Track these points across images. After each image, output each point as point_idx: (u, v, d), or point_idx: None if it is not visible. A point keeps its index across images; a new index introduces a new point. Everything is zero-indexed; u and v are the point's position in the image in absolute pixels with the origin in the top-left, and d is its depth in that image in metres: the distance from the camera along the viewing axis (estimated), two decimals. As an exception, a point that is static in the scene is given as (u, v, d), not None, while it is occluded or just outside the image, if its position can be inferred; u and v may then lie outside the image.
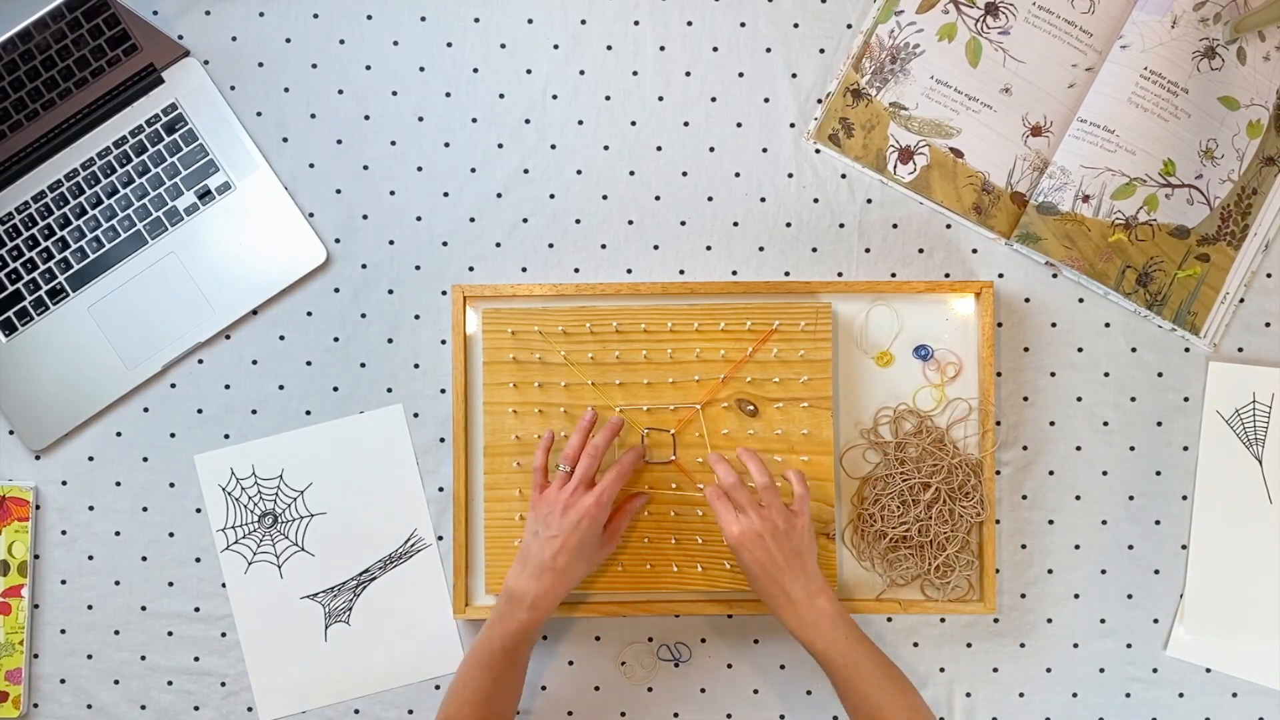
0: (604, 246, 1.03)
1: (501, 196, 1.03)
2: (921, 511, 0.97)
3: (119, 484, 1.02)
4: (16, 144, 1.01)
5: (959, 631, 1.01)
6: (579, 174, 1.03)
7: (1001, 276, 1.02)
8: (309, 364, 1.02)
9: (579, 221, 1.03)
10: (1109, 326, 1.02)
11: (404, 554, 1.01)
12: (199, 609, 1.01)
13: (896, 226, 1.02)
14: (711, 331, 0.98)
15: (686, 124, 1.03)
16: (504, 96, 1.03)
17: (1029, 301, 1.02)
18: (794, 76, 1.03)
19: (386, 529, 1.01)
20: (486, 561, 0.99)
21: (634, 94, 1.03)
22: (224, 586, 1.01)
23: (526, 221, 1.03)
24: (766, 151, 1.03)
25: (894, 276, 1.02)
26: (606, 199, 1.03)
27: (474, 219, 1.03)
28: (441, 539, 1.01)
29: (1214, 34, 1.01)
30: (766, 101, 1.03)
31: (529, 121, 1.03)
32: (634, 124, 1.03)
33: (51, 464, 1.02)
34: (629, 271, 1.03)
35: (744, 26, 1.03)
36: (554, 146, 1.03)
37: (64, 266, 1.01)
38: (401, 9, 1.03)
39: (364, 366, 1.02)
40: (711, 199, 1.03)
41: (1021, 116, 1.02)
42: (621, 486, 0.93)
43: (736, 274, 1.03)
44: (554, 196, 1.03)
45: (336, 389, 1.02)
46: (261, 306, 1.02)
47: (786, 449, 0.98)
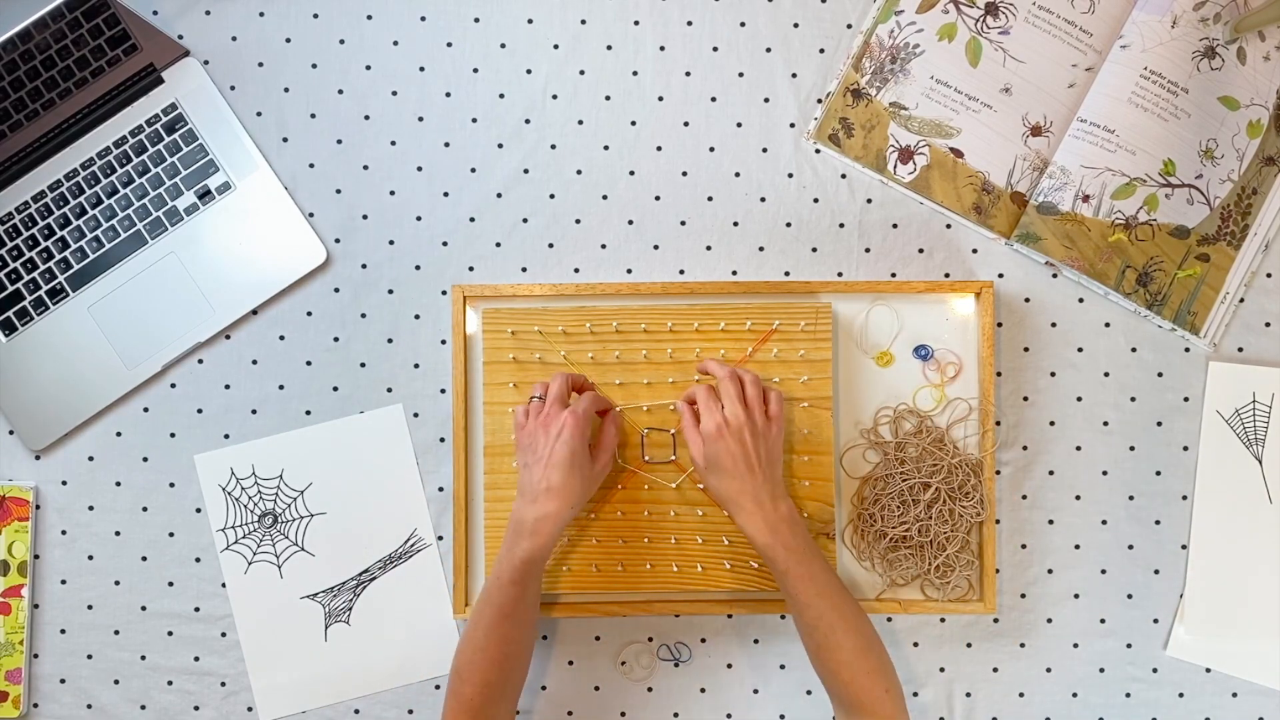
0: (604, 246, 1.03)
1: (501, 196, 1.03)
2: (921, 511, 0.97)
3: (119, 484, 1.02)
4: (16, 144, 1.01)
5: (959, 631, 1.01)
6: (579, 174, 1.03)
7: (1001, 276, 1.02)
8: (309, 364, 1.02)
9: (579, 221, 1.03)
10: (1109, 326, 1.02)
11: (404, 554, 1.01)
12: (199, 609, 1.01)
13: (896, 226, 1.02)
14: (711, 331, 0.98)
15: (686, 124, 1.03)
16: (504, 96, 1.03)
17: (1029, 301, 1.02)
18: (794, 76, 1.03)
19: (386, 529, 1.01)
20: (487, 561, 0.99)
21: (634, 94, 1.03)
22: (224, 586, 1.01)
23: (526, 221, 1.03)
24: (766, 151, 1.03)
25: (894, 276, 1.02)
26: (606, 199, 1.03)
27: (474, 219, 1.03)
28: (441, 539, 1.01)
29: (1214, 34, 1.01)
30: (766, 101, 1.03)
31: (529, 121, 1.03)
32: (634, 124, 1.03)
33: (51, 464, 1.02)
34: (629, 271, 1.03)
35: (744, 26, 1.03)
36: (554, 146, 1.03)
37: (64, 266, 1.01)
38: (401, 9, 1.03)
39: (364, 366, 1.02)
40: (711, 199, 1.03)
41: (1021, 116, 1.02)
42: (597, 407, 0.93)
43: (736, 274, 1.03)
44: (554, 196, 1.03)
45: (336, 389, 1.02)
46: (261, 306, 1.02)
47: (786, 449, 0.98)
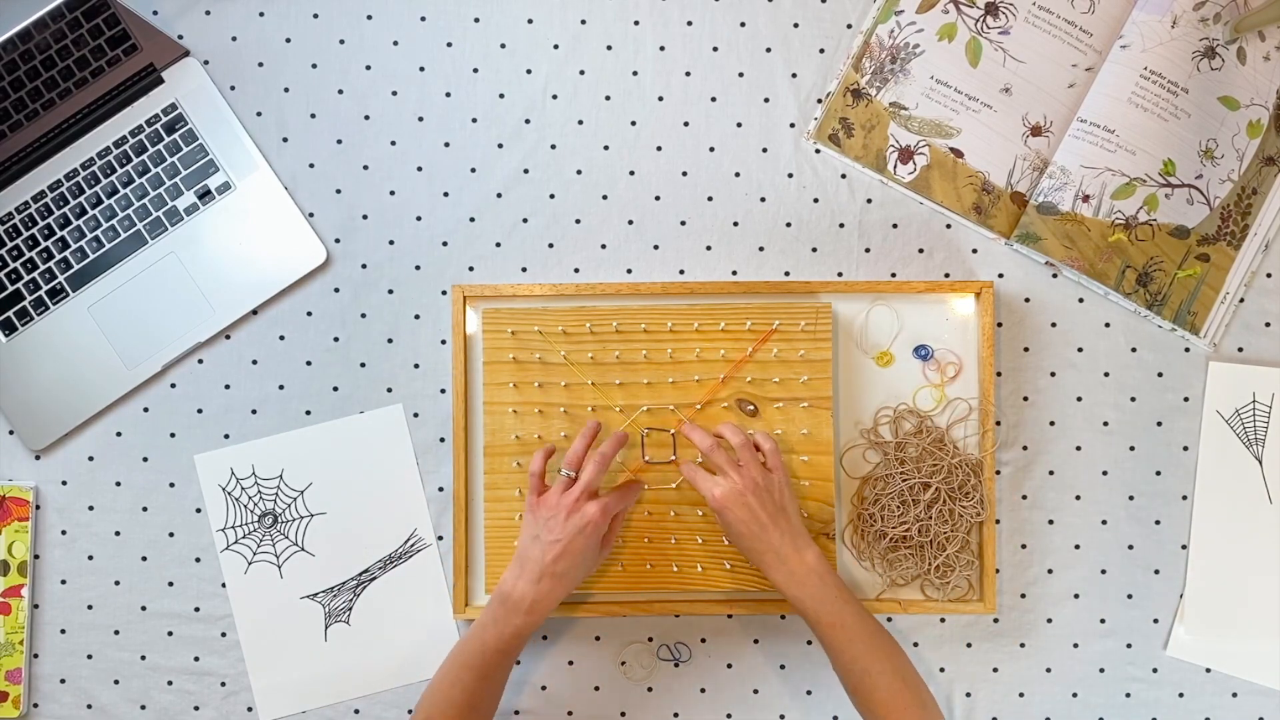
0: (604, 246, 1.03)
1: (501, 196, 1.03)
2: (921, 511, 0.97)
3: (119, 484, 1.02)
4: (16, 144, 1.01)
5: (959, 631, 1.01)
6: (579, 174, 1.03)
7: (1001, 276, 1.02)
8: (309, 364, 1.02)
9: (579, 221, 1.03)
10: (1109, 326, 1.02)
11: (404, 554, 1.01)
12: (199, 609, 1.01)
13: (896, 226, 1.02)
14: (711, 331, 0.98)
15: (686, 124, 1.03)
16: (504, 96, 1.03)
17: (1029, 301, 1.02)
18: (794, 76, 1.03)
19: (386, 529, 1.01)
20: (486, 562, 0.99)
21: (634, 94, 1.03)
22: (224, 586, 1.01)
23: (526, 221, 1.03)
24: (766, 151, 1.03)
25: (894, 276, 1.02)
26: (606, 199, 1.03)
27: (474, 219, 1.03)
28: (441, 539, 1.01)
29: (1214, 34, 1.01)
30: (766, 101, 1.03)
31: (529, 121, 1.03)
32: (634, 124, 1.03)
33: (51, 464, 1.02)
34: (629, 271, 1.03)
35: (744, 26, 1.03)
36: (554, 146, 1.03)
37: (64, 266, 1.01)
38: (401, 9, 1.03)
39: (364, 366, 1.02)
40: (711, 199, 1.03)
41: (1021, 116, 1.02)
42: (621, 506, 0.92)
43: (736, 274, 1.03)
44: (554, 196, 1.03)
45: (336, 389, 1.02)
46: (261, 306, 1.02)
47: (786, 449, 0.98)
